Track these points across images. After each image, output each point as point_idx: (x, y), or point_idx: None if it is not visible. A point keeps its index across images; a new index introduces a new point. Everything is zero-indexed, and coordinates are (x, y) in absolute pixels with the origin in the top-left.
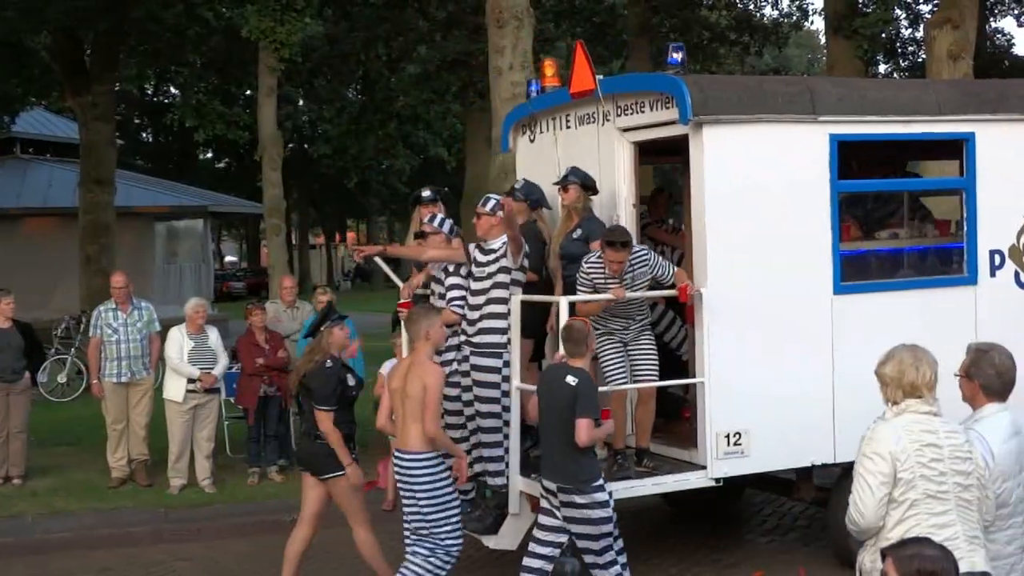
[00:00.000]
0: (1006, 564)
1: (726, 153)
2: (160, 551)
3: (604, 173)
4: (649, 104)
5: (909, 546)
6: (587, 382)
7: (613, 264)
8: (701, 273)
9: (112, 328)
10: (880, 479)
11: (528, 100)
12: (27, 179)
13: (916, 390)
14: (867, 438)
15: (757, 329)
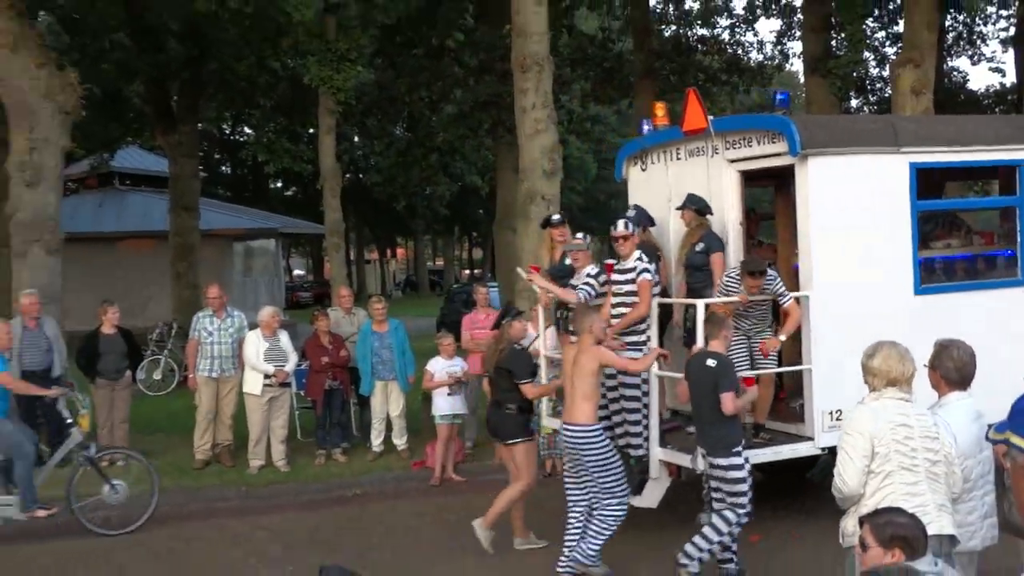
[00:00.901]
0: (969, 531)
1: (827, 179)
2: (241, 523)
3: (713, 197)
4: (756, 139)
5: (883, 514)
6: (725, 362)
7: (752, 288)
8: (807, 278)
9: (208, 332)
10: (860, 453)
11: (641, 136)
12: (125, 207)
13: (896, 382)
14: (849, 419)
15: (852, 324)
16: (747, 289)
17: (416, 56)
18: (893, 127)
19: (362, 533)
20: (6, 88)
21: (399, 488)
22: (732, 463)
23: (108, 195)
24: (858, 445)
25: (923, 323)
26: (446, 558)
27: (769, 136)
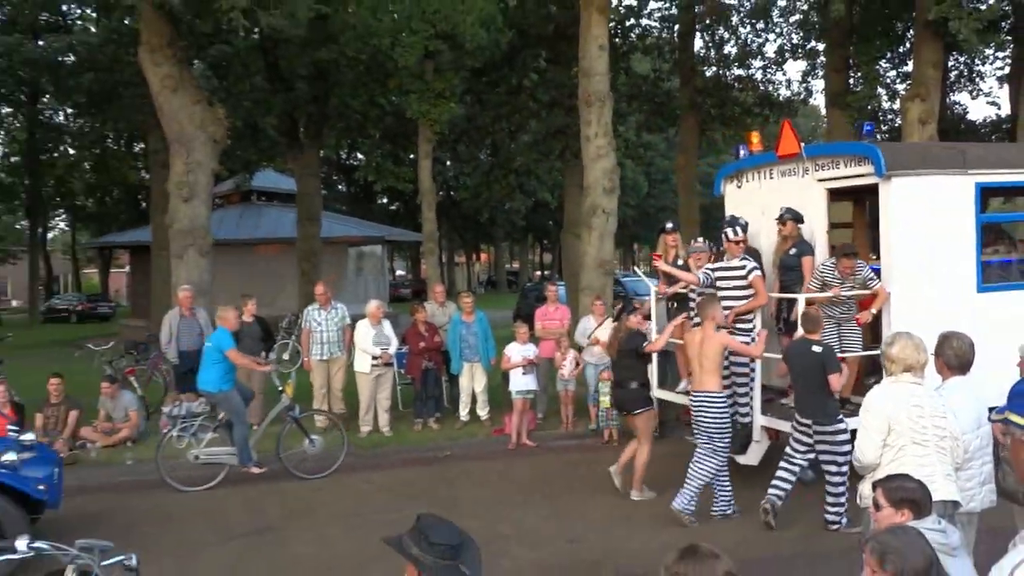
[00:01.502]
0: (969, 495)
1: (906, 195)
2: (353, 478)
3: (802, 210)
4: (843, 162)
5: (894, 479)
6: (829, 349)
7: (845, 269)
8: (888, 276)
9: (316, 322)
10: (877, 429)
11: (737, 159)
12: (261, 218)
13: (911, 368)
14: (868, 399)
15: (924, 315)
16: (841, 269)
17: (499, 93)
18: (962, 153)
19: (451, 487)
20: (169, 121)
21: (482, 451)
22: (837, 428)
23: (247, 209)
24: (876, 423)
25: (984, 315)
26: (520, 506)
27: (856, 159)
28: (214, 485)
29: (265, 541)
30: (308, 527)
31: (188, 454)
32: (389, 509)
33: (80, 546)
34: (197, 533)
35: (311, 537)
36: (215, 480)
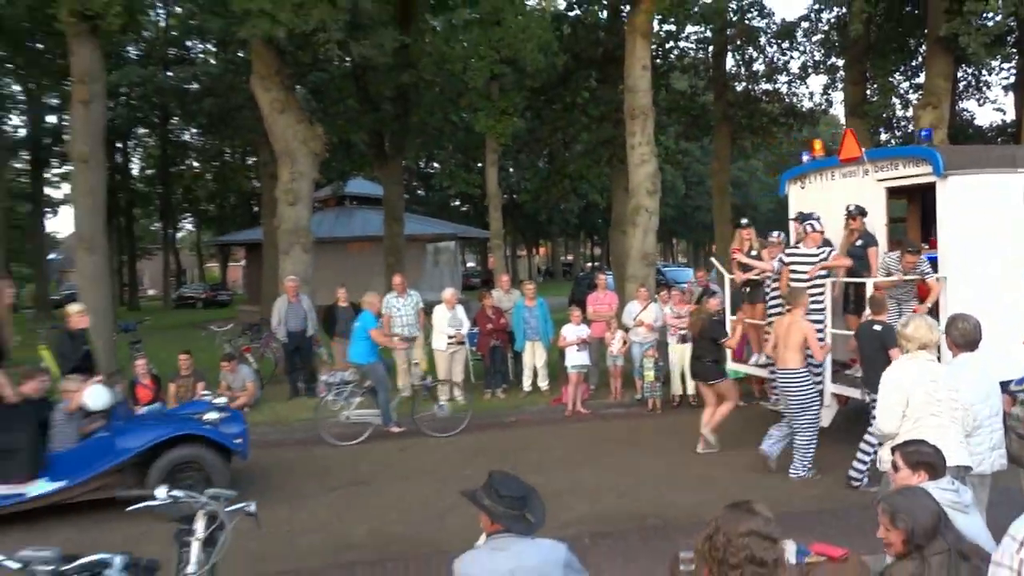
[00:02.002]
0: (979, 458)
1: (962, 192)
2: (433, 440)
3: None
4: (902, 164)
5: (911, 444)
6: (889, 327)
7: (908, 264)
8: (946, 266)
9: (396, 307)
10: (896, 402)
11: (800, 163)
12: (353, 219)
13: (926, 346)
14: (887, 374)
15: (978, 300)
16: (904, 265)
17: (555, 109)
18: (1013, 154)
19: (516, 448)
20: (277, 138)
21: (542, 417)
22: None
23: (342, 211)
24: (895, 396)
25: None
26: (575, 465)
27: (914, 161)
28: (362, 441)
29: (361, 492)
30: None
31: (341, 415)
32: (463, 466)
33: (209, 495)
34: (305, 484)
35: (400, 488)
36: (362, 437)
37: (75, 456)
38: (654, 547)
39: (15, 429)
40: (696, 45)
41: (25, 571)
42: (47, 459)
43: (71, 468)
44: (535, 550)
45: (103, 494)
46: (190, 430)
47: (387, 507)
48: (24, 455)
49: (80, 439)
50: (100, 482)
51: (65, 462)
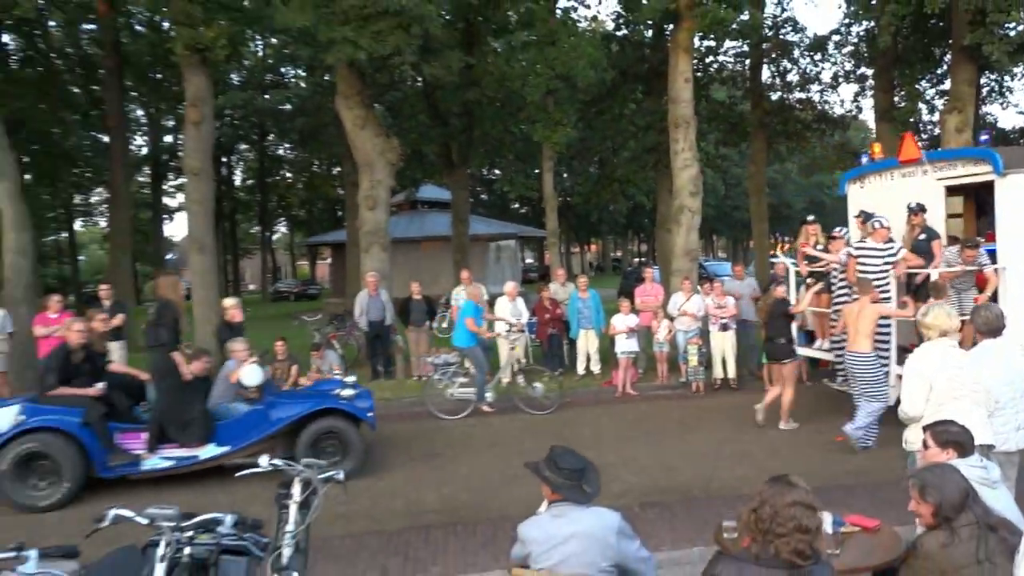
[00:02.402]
0: (1003, 437)
1: (1020, 190)
2: (498, 419)
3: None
4: (961, 164)
5: (941, 424)
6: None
7: (968, 257)
8: (1005, 257)
9: (462, 299)
10: (920, 387)
11: (861, 164)
12: (424, 221)
13: (946, 333)
14: (910, 361)
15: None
16: (964, 258)
17: (604, 120)
18: None
19: (572, 426)
20: (358, 150)
21: (595, 398)
22: None
23: (415, 214)
24: (919, 381)
25: None
26: (625, 442)
27: (973, 161)
28: (465, 416)
29: (435, 463)
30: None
31: (446, 392)
32: (523, 441)
33: (304, 463)
34: (386, 456)
35: (470, 460)
36: (465, 412)
37: (237, 425)
38: (697, 516)
39: (191, 401)
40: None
41: (152, 526)
42: (215, 428)
43: (234, 436)
44: (591, 517)
45: (255, 459)
46: (331, 404)
47: (458, 477)
48: (198, 423)
49: (235, 405)
50: (256, 448)
51: (229, 431)
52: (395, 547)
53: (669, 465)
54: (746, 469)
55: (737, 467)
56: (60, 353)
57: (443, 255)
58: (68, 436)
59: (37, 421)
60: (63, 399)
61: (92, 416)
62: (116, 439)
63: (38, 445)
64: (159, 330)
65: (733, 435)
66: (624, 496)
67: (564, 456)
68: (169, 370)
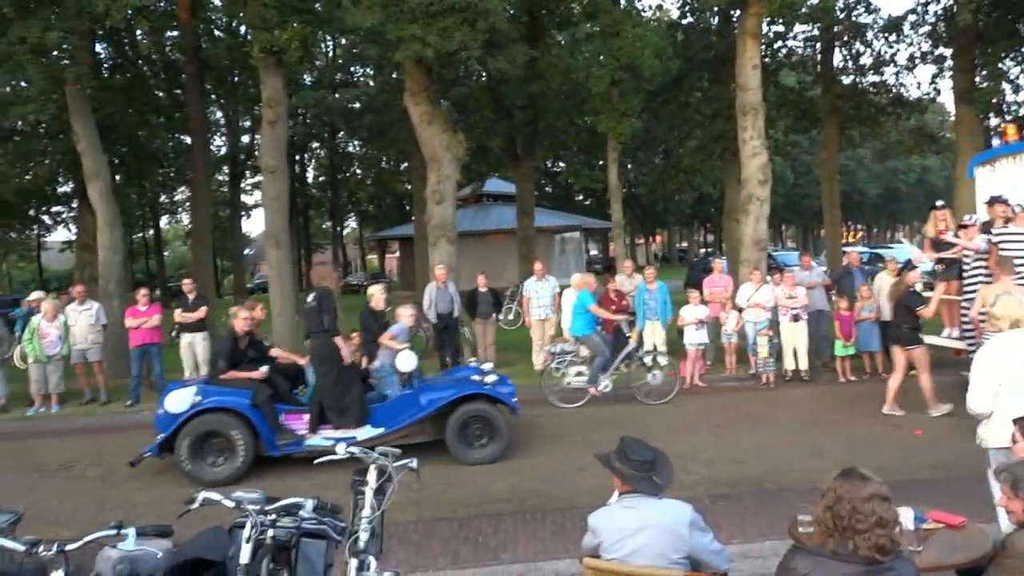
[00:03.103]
0: None
1: None
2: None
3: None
4: None
5: None
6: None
7: None
8: None
9: (535, 290)
10: (988, 380)
11: (990, 148)
12: (489, 214)
13: (1018, 322)
14: (978, 355)
15: None
16: None
17: (670, 109)
18: None
19: (640, 417)
20: (425, 146)
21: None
22: None
23: (480, 207)
24: (986, 374)
25: None
26: (694, 433)
27: None
28: (581, 405)
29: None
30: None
31: (563, 381)
32: (595, 431)
33: (379, 451)
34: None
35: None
36: (581, 401)
37: (390, 409)
38: (770, 509)
39: (350, 385)
40: (804, 43)
41: (238, 509)
42: (370, 411)
43: (387, 419)
44: (663, 509)
45: (406, 441)
46: (477, 390)
47: (528, 467)
48: (355, 406)
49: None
50: (407, 431)
51: (382, 414)
52: (466, 534)
53: (739, 457)
54: (820, 462)
55: (810, 460)
56: (229, 339)
57: (509, 248)
58: (240, 416)
59: (213, 402)
60: (232, 382)
61: (260, 398)
62: (281, 419)
63: (215, 423)
64: (322, 316)
65: (805, 428)
66: (693, 488)
67: (634, 447)
68: (331, 355)
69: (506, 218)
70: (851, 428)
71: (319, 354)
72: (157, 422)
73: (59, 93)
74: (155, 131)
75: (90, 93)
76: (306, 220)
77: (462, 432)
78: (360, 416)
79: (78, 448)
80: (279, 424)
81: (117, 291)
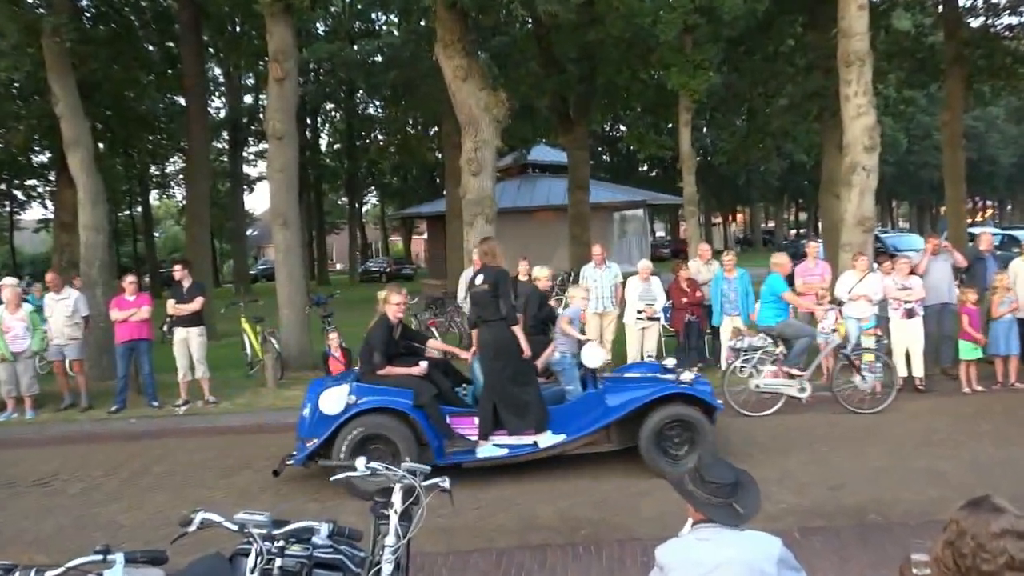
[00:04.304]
0: None
1: None
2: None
3: None
4: None
5: None
6: None
7: None
8: None
9: (593, 279)
10: None
11: None
12: (536, 188)
13: None
14: None
15: None
16: None
17: (755, 61)
18: None
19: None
20: (460, 106)
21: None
22: None
23: (525, 180)
24: None
25: None
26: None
27: None
28: (772, 413)
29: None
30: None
31: (750, 383)
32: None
33: (406, 468)
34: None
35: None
36: (773, 408)
37: (571, 411)
38: (875, 547)
39: (528, 383)
40: None
41: (241, 533)
42: (551, 414)
43: (568, 423)
44: (746, 543)
45: (589, 450)
46: (676, 389)
47: (577, 490)
48: (535, 408)
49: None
50: (591, 439)
51: (563, 417)
52: (506, 569)
53: (837, 482)
54: (939, 489)
55: (928, 488)
56: (383, 329)
57: (558, 227)
58: (404, 418)
59: (373, 402)
60: (386, 379)
61: (424, 397)
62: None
63: (375, 427)
64: (498, 302)
65: (920, 448)
66: (781, 519)
67: (713, 468)
68: (508, 347)
69: (556, 193)
70: (978, 448)
71: (494, 346)
72: (305, 425)
73: (35, 47)
74: (145, 91)
75: (70, 47)
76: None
77: (658, 440)
78: (542, 420)
79: (56, 460)
80: (448, 428)
81: (100, 278)
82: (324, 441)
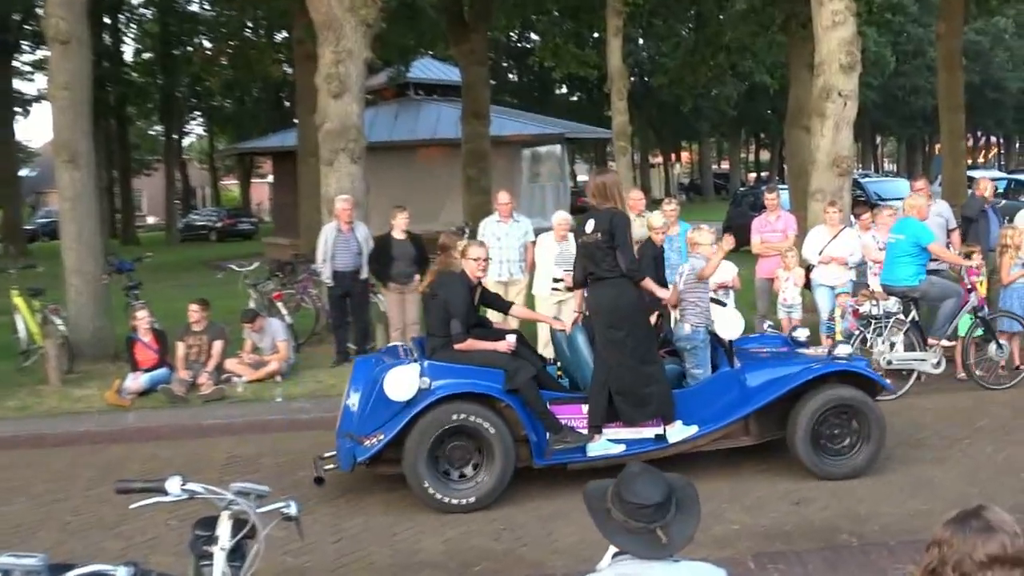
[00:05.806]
0: None
1: None
2: None
3: None
4: None
5: None
6: None
7: None
8: None
9: (496, 236)
10: None
11: None
12: (419, 116)
13: None
14: None
15: None
16: None
17: None
18: None
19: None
20: (315, 5)
21: None
22: None
23: (404, 105)
24: None
25: None
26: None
27: None
28: (902, 395)
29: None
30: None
31: (880, 358)
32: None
33: (236, 490)
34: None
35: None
36: (903, 389)
37: (703, 397)
38: (846, 573)
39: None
40: None
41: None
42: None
43: (699, 412)
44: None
45: (724, 445)
46: (833, 368)
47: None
48: (661, 392)
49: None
50: (727, 431)
51: (692, 404)
52: None
53: (799, 496)
54: (925, 500)
55: (910, 499)
56: (463, 288)
57: (449, 168)
58: (495, 407)
59: (453, 386)
60: (468, 356)
61: (520, 379)
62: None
63: (462, 418)
64: (614, 252)
65: (906, 450)
66: (731, 544)
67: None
68: (631, 313)
69: (445, 122)
70: (976, 448)
71: (611, 311)
72: (355, 419)
73: None
74: None
75: None
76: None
77: (815, 431)
78: (668, 407)
79: None
80: (555, 420)
81: None
82: (396, 436)
